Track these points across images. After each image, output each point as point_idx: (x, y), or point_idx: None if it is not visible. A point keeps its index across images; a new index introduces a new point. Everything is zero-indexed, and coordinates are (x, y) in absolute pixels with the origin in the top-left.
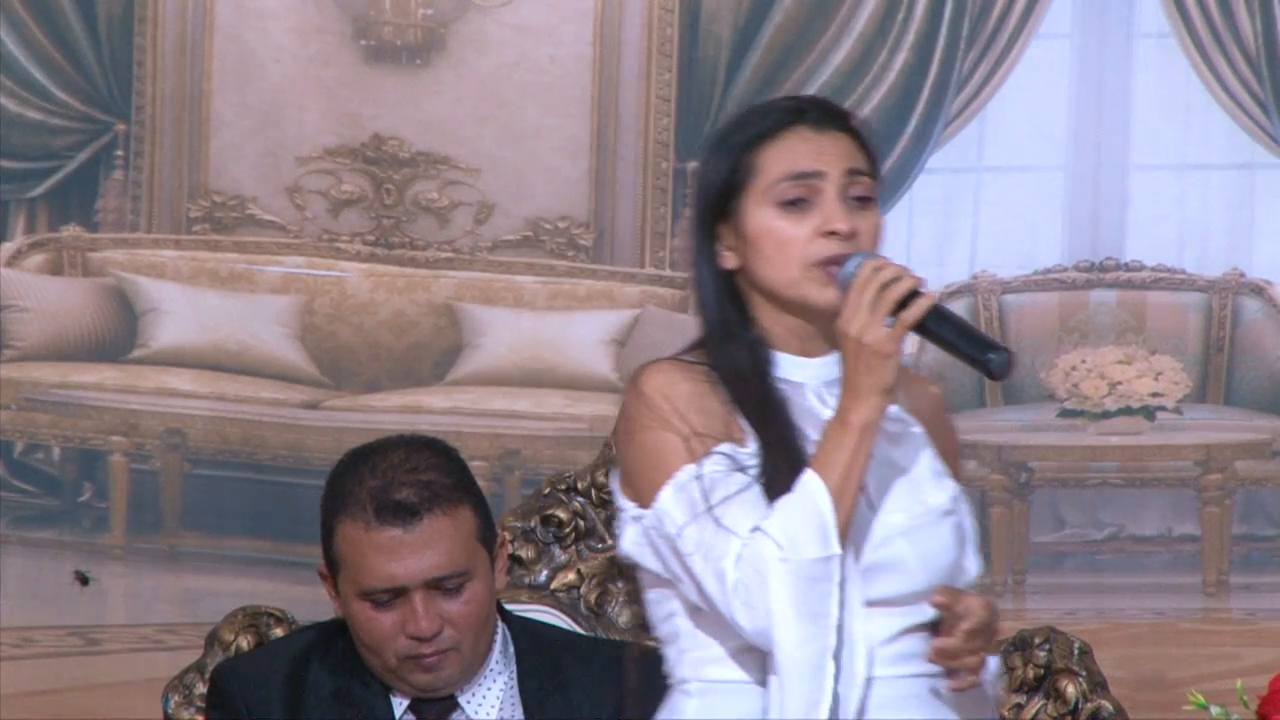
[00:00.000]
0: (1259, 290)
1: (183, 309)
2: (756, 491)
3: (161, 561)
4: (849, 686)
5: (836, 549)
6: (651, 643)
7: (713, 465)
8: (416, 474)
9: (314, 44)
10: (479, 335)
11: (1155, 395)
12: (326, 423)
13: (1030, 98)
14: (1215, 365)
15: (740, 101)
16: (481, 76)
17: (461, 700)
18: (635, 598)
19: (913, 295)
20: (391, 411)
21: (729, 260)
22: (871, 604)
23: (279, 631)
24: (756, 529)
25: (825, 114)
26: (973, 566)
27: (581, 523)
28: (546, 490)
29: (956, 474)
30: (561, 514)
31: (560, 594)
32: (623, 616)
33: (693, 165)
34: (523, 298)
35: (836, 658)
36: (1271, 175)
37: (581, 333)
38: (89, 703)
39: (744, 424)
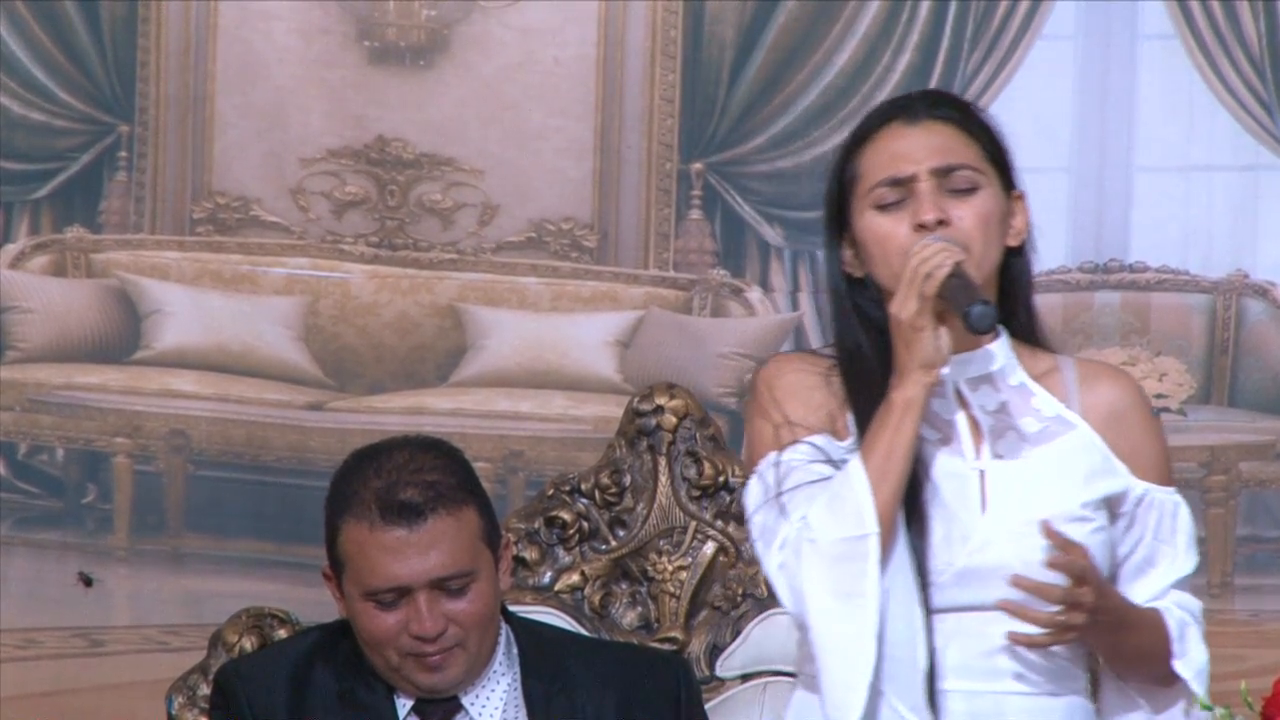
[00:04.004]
0: (1263, 292)
1: (186, 310)
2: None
3: (165, 563)
4: (905, 678)
5: (870, 528)
6: (655, 645)
7: (794, 454)
8: (421, 474)
9: (318, 45)
10: (483, 337)
11: (1159, 397)
12: (330, 424)
13: (1034, 99)
14: (1219, 367)
15: (744, 102)
16: (485, 78)
17: (465, 701)
18: (638, 599)
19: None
20: (395, 413)
21: (854, 267)
22: (968, 609)
23: (283, 633)
24: (804, 515)
25: (923, 105)
26: (1172, 568)
27: (585, 524)
28: (550, 492)
29: (1149, 474)
30: (565, 515)
31: (564, 595)
32: (626, 618)
33: (697, 166)
34: (526, 299)
35: (881, 640)
36: (1276, 177)
37: (585, 334)
38: (92, 704)
39: (851, 420)
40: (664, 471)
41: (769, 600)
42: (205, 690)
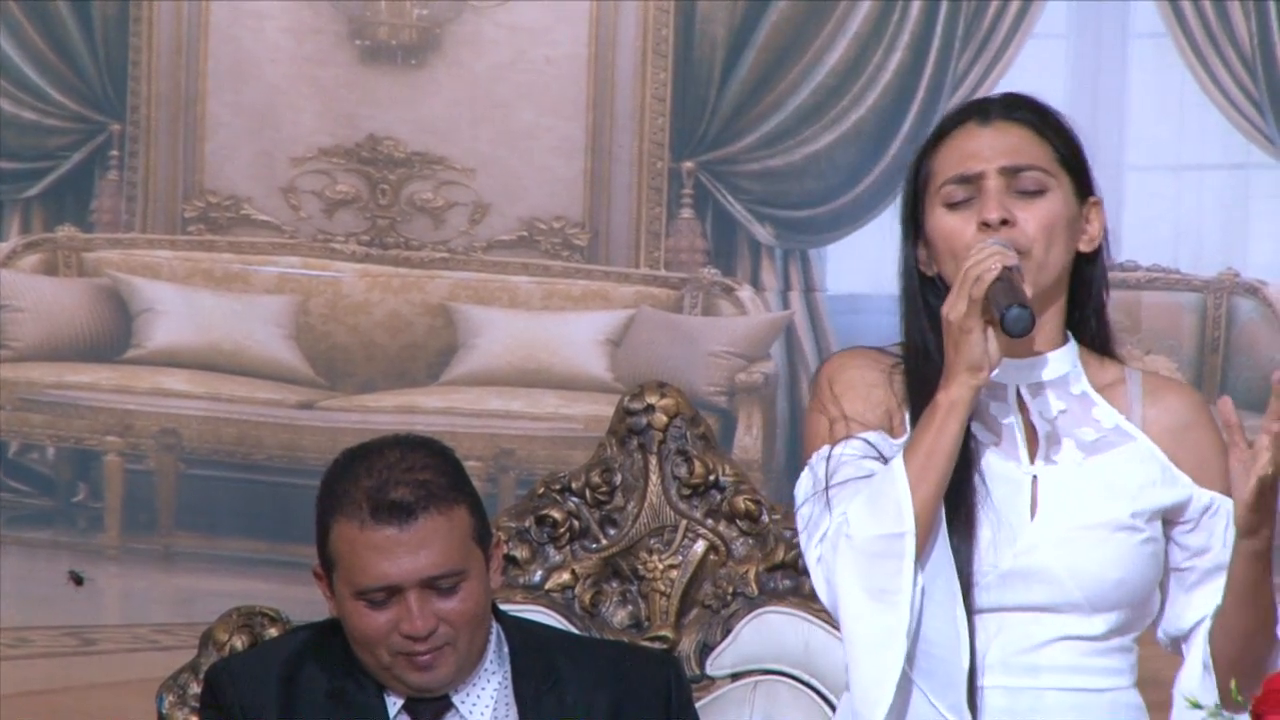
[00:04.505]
0: (1254, 290)
1: (177, 309)
2: None
3: (156, 561)
4: (946, 677)
5: (907, 526)
6: (646, 643)
7: (846, 449)
8: (412, 474)
9: (309, 44)
10: (474, 335)
11: None
12: (321, 423)
13: None
14: (1210, 365)
15: (735, 101)
16: (477, 77)
17: (455, 700)
18: (629, 598)
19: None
20: (386, 412)
21: (927, 265)
22: (1012, 610)
23: (273, 632)
24: (845, 511)
25: (998, 107)
26: None
27: (576, 523)
28: (541, 490)
29: (1214, 485)
30: (556, 514)
31: (554, 594)
32: (617, 616)
33: (688, 165)
34: (517, 298)
35: (914, 637)
36: (1266, 175)
37: (576, 333)
38: (84, 703)
39: (908, 417)
40: (654, 470)
41: (759, 599)
42: (196, 689)
